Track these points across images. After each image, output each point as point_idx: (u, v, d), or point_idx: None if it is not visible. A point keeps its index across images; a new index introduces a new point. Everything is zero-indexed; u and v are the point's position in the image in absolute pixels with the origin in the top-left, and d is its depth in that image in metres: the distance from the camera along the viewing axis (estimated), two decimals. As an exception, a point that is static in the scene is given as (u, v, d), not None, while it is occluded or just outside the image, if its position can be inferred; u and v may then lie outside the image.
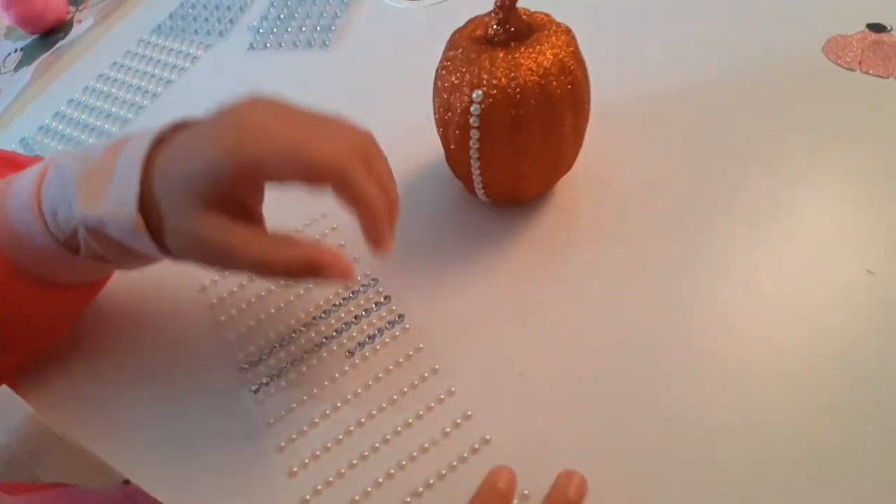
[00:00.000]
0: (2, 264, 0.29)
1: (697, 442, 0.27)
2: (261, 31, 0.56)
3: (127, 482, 0.68)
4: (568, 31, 0.30)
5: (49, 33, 0.67)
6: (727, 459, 0.26)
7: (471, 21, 0.32)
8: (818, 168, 0.35)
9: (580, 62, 0.30)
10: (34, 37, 0.68)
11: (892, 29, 0.41)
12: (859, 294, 0.30)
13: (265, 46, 0.55)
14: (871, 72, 0.39)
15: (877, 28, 0.41)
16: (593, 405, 0.29)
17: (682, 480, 0.26)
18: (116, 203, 0.25)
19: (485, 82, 0.29)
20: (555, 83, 0.28)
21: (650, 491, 0.26)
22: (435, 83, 0.32)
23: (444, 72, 0.31)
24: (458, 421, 0.29)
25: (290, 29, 0.56)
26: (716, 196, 0.35)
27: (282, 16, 0.57)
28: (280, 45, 0.55)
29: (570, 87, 0.29)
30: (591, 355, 0.30)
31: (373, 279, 0.35)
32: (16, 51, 0.67)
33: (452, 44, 0.31)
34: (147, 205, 0.25)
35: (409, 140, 0.41)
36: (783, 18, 0.43)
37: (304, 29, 0.55)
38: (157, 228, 0.25)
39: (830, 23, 0.42)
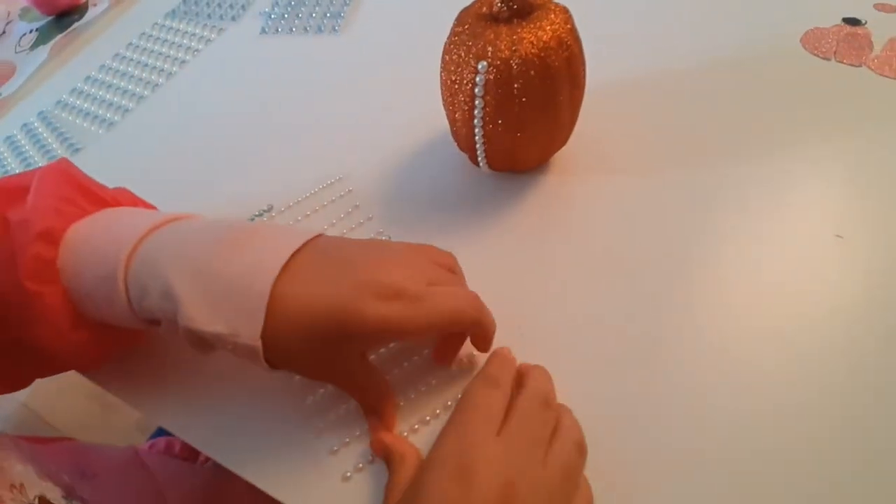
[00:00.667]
0: (66, 311, 0.29)
1: (693, 396, 0.29)
2: (272, 16, 0.59)
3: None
4: (565, 11, 0.33)
5: (64, 15, 0.69)
6: (721, 410, 0.29)
7: (477, 0, 0.34)
8: (795, 145, 0.38)
9: (576, 39, 0.33)
10: (49, 18, 0.70)
11: (866, 22, 0.44)
12: (831, 255, 0.33)
13: (277, 31, 0.57)
14: (844, 61, 0.42)
15: (852, 22, 0.45)
16: (586, 358, 0.31)
17: (677, 432, 0.28)
18: (232, 329, 0.25)
19: (489, 54, 0.31)
20: (553, 56, 0.31)
21: (647, 445, 0.28)
22: (443, 58, 0.35)
23: (451, 46, 0.34)
24: (464, 362, 0.31)
25: (300, 15, 0.58)
26: (701, 172, 0.38)
27: (293, 2, 0.60)
28: (291, 30, 0.57)
29: (566, 60, 0.32)
30: (585, 314, 0.33)
31: (386, 237, 0.38)
32: (31, 31, 0.69)
33: (460, 20, 0.34)
34: (268, 330, 0.25)
35: (417, 118, 0.44)
36: (765, 11, 0.47)
37: (314, 15, 0.58)
38: (277, 357, 0.26)
39: (809, 16, 0.45)
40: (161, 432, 0.61)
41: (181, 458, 0.55)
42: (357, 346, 0.27)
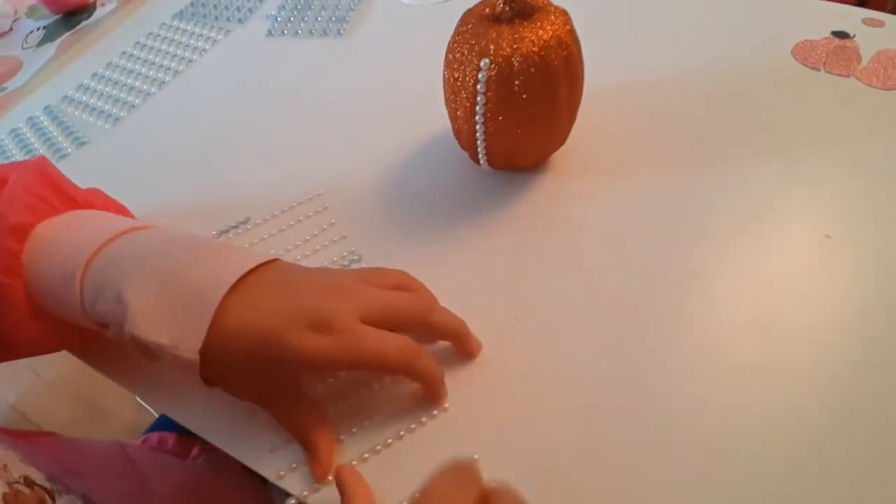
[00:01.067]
0: (26, 303, 0.29)
1: (689, 394, 0.30)
2: (279, 19, 0.60)
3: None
4: (565, 13, 0.34)
5: (72, 14, 0.71)
6: (718, 408, 0.29)
7: (480, 2, 0.36)
8: (786, 150, 0.39)
9: (575, 40, 0.34)
10: (57, 16, 0.71)
11: (854, 36, 0.46)
12: (826, 257, 0.34)
13: (283, 33, 0.59)
14: (833, 72, 0.44)
15: (841, 35, 0.46)
16: (583, 353, 0.32)
17: (675, 431, 0.29)
18: (174, 341, 0.26)
19: (492, 52, 0.32)
20: (552, 55, 0.32)
21: (646, 444, 0.28)
22: (446, 56, 0.36)
23: (455, 44, 0.35)
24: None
25: (306, 18, 0.60)
26: (695, 175, 0.39)
27: (299, 6, 0.61)
28: (297, 33, 0.58)
29: (566, 59, 0.33)
30: (582, 310, 0.33)
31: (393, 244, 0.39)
32: (38, 29, 0.70)
33: (464, 20, 0.35)
34: (208, 346, 0.26)
35: (419, 119, 0.45)
36: (759, 22, 0.48)
37: (319, 19, 0.59)
38: (213, 375, 0.27)
39: (800, 30, 0.47)
40: (154, 428, 0.61)
41: (172, 454, 0.55)
42: (288, 373, 0.27)
